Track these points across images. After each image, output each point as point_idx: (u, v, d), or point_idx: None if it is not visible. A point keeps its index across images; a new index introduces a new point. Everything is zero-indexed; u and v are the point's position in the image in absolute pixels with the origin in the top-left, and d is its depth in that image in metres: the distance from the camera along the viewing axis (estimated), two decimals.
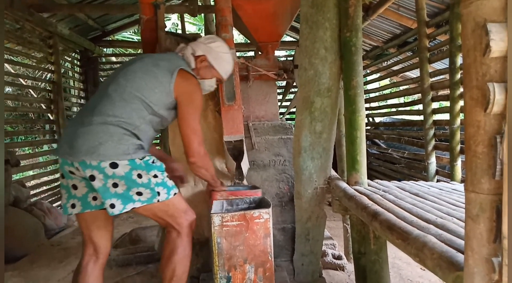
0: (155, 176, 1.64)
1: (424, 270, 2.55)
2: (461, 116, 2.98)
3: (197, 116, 1.77)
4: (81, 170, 1.56)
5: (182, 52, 1.89)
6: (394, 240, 1.18)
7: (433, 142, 3.46)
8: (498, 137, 0.64)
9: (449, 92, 3.03)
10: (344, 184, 1.86)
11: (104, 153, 1.56)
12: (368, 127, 5.87)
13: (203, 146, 1.77)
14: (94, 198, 1.66)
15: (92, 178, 1.54)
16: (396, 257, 2.71)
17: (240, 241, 1.72)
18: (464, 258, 0.77)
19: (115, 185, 1.59)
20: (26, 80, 6.70)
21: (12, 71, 6.46)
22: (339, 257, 2.60)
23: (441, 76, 3.62)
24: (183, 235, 1.73)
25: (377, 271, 1.72)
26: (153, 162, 1.67)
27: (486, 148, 0.67)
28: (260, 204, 1.94)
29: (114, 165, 1.56)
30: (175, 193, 1.70)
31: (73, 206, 1.67)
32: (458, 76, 2.88)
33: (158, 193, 1.64)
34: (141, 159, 1.62)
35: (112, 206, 1.57)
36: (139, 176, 1.61)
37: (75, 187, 1.65)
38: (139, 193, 1.62)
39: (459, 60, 2.90)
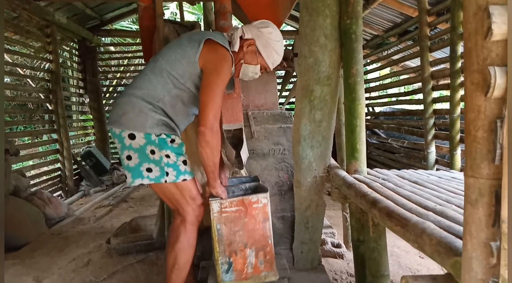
0: (167, 156, 1.66)
1: (422, 258, 2.58)
2: (462, 105, 2.97)
3: (221, 88, 1.65)
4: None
5: (231, 32, 1.82)
6: (393, 227, 1.18)
7: (433, 131, 3.46)
8: (499, 122, 0.64)
9: (449, 81, 3.02)
10: (343, 173, 1.86)
11: (124, 123, 1.64)
12: (368, 117, 5.87)
13: (218, 122, 1.66)
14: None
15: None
16: (395, 246, 2.73)
17: (240, 227, 1.73)
18: (463, 243, 0.77)
19: (129, 157, 1.66)
20: (24, 69, 6.66)
21: (10, 61, 6.42)
22: (338, 246, 2.62)
23: (442, 66, 3.61)
24: (187, 223, 1.75)
25: (376, 258, 1.73)
26: (171, 141, 1.68)
27: (486, 133, 0.67)
28: (256, 190, 1.94)
29: (132, 137, 1.63)
30: (184, 179, 1.70)
31: None
32: (459, 64, 2.87)
33: (167, 174, 1.67)
34: (157, 136, 1.64)
35: (125, 176, 1.70)
36: (152, 152, 1.65)
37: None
38: (149, 170, 1.66)
39: (460, 49, 2.88)
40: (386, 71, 6.13)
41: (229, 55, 1.72)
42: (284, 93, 6.73)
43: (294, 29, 7.02)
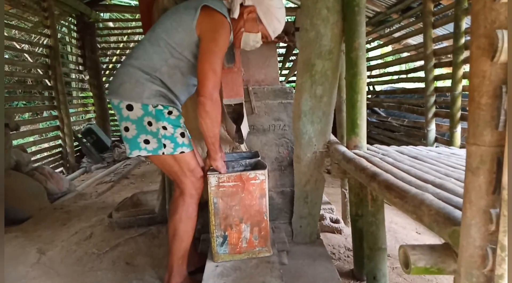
0: (164, 127, 1.65)
1: (419, 233, 2.61)
2: (464, 82, 2.95)
3: (219, 55, 1.62)
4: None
5: None
6: (392, 198, 1.19)
7: (433, 109, 3.45)
8: (504, 87, 0.63)
9: (452, 58, 2.99)
10: (343, 148, 1.86)
11: (122, 94, 1.63)
12: (369, 96, 5.83)
13: (218, 92, 1.62)
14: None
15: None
16: (393, 222, 2.76)
17: (236, 201, 1.74)
18: (462, 211, 0.78)
19: (126, 129, 1.66)
20: (22, 44, 6.57)
21: (7, 35, 6.32)
22: (336, 221, 2.65)
23: (444, 43, 3.56)
24: (186, 195, 1.76)
25: (373, 232, 1.75)
26: (169, 113, 1.67)
27: (491, 99, 0.66)
28: (256, 166, 1.95)
29: (129, 107, 1.63)
30: (182, 152, 1.70)
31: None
32: (463, 40, 2.83)
33: (164, 145, 1.67)
34: (154, 107, 1.63)
35: (125, 148, 1.72)
36: (149, 123, 1.65)
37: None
38: (146, 141, 1.67)
39: (464, 25, 2.84)
40: (388, 49, 6.05)
41: (227, 22, 1.67)
42: (284, 72, 6.66)
43: (296, 5, 6.88)
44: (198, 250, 2.10)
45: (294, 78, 5.09)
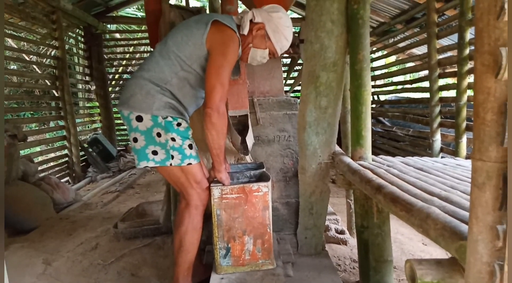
0: (173, 139, 1.68)
1: (425, 244, 2.59)
2: (468, 92, 2.95)
3: (228, 69, 1.65)
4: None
5: (242, 15, 1.81)
6: (398, 212, 1.19)
7: (438, 119, 3.44)
8: (509, 104, 0.63)
9: (456, 68, 2.99)
10: (348, 159, 1.86)
11: (132, 105, 1.66)
12: (373, 105, 5.83)
13: (224, 105, 1.66)
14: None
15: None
16: (398, 233, 2.74)
17: (239, 213, 1.74)
18: (469, 226, 0.77)
19: (135, 139, 1.69)
20: (30, 56, 6.67)
21: (16, 47, 6.42)
22: (342, 232, 2.64)
23: (449, 53, 3.56)
24: (191, 206, 1.77)
25: (379, 244, 1.74)
26: (178, 125, 1.69)
27: (496, 115, 0.66)
28: (261, 178, 1.95)
29: (139, 119, 1.66)
30: (189, 163, 1.72)
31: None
32: (467, 51, 2.83)
33: (172, 157, 1.69)
34: (163, 118, 1.65)
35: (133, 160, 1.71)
36: (158, 134, 1.67)
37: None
38: (155, 152, 1.69)
39: (469, 35, 2.85)
40: (392, 59, 6.07)
41: (236, 36, 1.71)
42: (289, 81, 6.69)
43: (300, 16, 6.94)
44: (203, 261, 2.10)
45: (299, 88, 5.10)
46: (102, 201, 4.05)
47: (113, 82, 7.29)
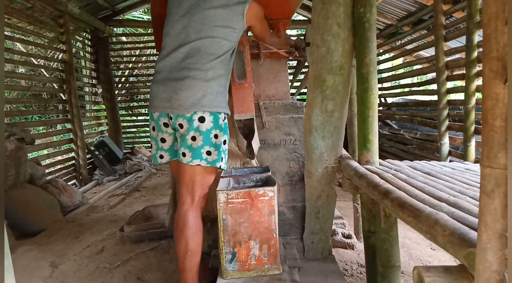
0: (225, 141, 1.79)
1: (434, 249, 2.56)
2: (477, 95, 2.91)
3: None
4: (174, 120, 1.75)
5: None
6: (405, 217, 1.17)
7: (446, 122, 3.41)
8: None
9: (464, 71, 2.96)
10: (355, 163, 1.85)
11: (205, 104, 1.73)
12: (380, 108, 5.79)
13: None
14: None
15: (181, 126, 1.73)
16: (406, 237, 2.71)
17: (245, 218, 1.74)
18: (478, 234, 0.76)
19: (193, 138, 1.74)
20: (38, 60, 6.75)
21: (24, 51, 6.50)
22: (349, 236, 2.62)
23: (457, 56, 3.53)
24: (195, 206, 1.78)
25: (386, 249, 1.72)
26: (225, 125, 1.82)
27: (504, 121, 0.65)
28: (267, 182, 1.95)
29: (202, 119, 1.72)
30: (220, 166, 1.80)
31: (161, 157, 1.87)
32: (475, 54, 2.81)
33: (222, 159, 1.77)
34: (223, 120, 1.77)
35: (184, 154, 1.73)
36: (216, 136, 1.75)
37: (163, 140, 1.84)
38: (209, 153, 1.75)
39: (477, 38, 2.82)
40: (399, 61, 6.03)
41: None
42: (296, 84, 6.68)
43: (306, 18, 6.93)
44: (209, 265, 2.09)
45: (305, 90, 5.10)
46: (109, 204, 4.07)
47: (120, 85, 7.33)
